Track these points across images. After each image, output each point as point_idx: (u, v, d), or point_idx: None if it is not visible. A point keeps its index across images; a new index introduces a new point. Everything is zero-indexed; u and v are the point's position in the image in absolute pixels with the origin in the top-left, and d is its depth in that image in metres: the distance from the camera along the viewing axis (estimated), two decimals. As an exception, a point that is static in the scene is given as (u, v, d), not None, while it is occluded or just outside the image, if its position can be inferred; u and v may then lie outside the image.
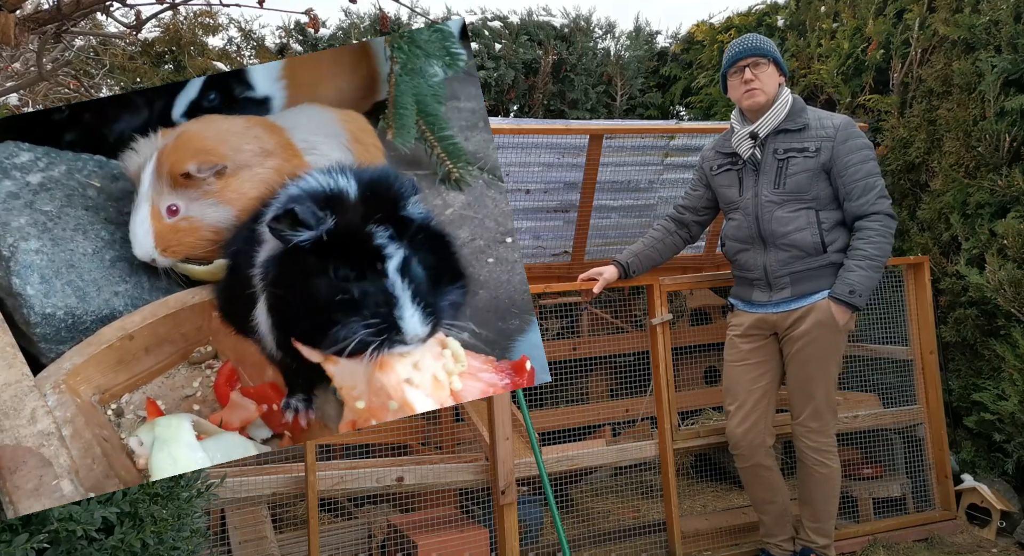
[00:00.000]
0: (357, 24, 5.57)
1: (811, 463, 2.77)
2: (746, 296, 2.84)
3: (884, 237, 2.63)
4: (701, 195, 2.98)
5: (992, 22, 3.38)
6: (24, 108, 4.32)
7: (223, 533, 2.74)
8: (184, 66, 5.26)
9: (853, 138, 2.68)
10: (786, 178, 2.69)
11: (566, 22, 5.89)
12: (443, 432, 3.26)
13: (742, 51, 2.73)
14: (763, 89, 2.70)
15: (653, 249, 2.98)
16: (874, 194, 2.64)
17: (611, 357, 3.68)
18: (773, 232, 2.71)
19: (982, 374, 3.44)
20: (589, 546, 3.09)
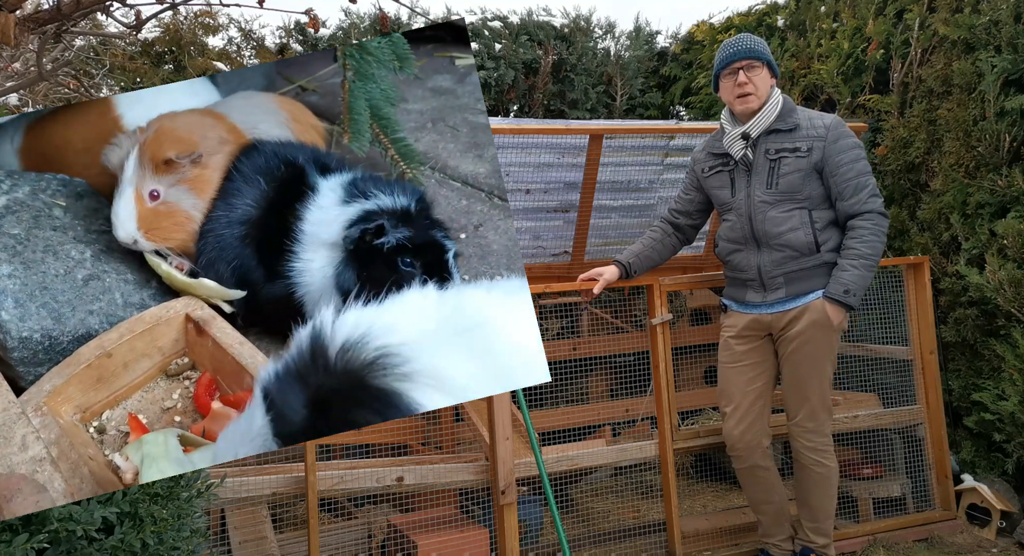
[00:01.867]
0: (357, 24, 5.57)
1: (808, 463, 2.77)
2: (740, 297, 2.84)
3: (877, 236, 2.62)
4: (693, 198, 2.98)
5: (992, 22, 3.38)
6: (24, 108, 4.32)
7: (223, 533, 2.74)
8: (184, 66, 5.26)
9: (844, 138, 2.67)
10: (778, 178, 2.69)
11: (566, 22, 5.89)
12: (443, 432, 3.26)
13: (737, 53, 2.71)
14: (756, 93, 2.69)
15: (653, 250, 2.98)
16: (866, 193, 2.64)
17: (611, 357, 3.68)
18: (767, 232, 2.71)
19: (982, 374, 3.44)
20: (589, 546, 3.09)
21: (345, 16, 5.64)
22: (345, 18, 5.64)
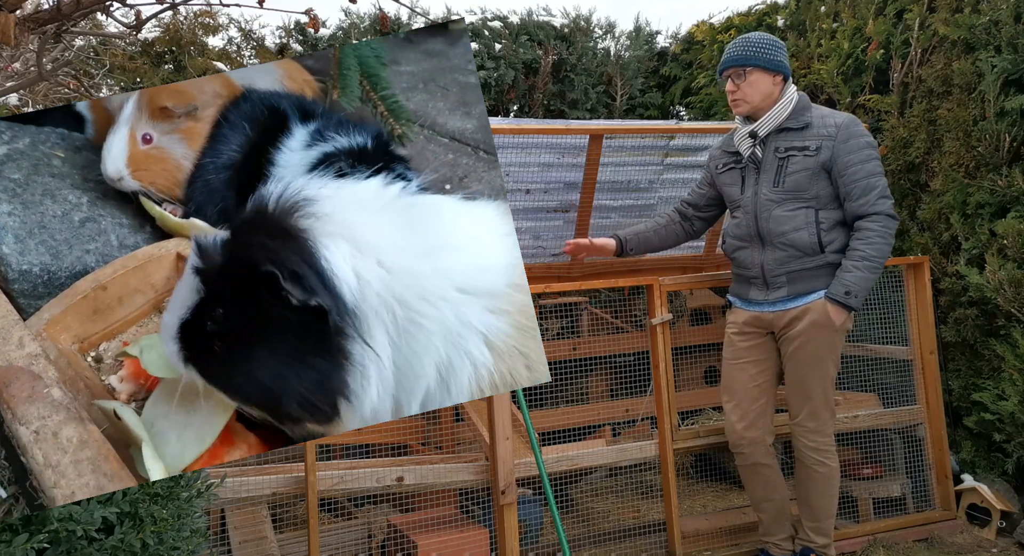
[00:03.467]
0: (357, 24, 5.57)
1: (810, 463, 2.77)
2: (743, 294, 2.85)
3: (883, 238, 2.62)
4: (705, 193, 3.01)
5: (992, 22, 3.38)
6: (24, 108, 4.32)
7: (223, 533, 2.74)
8: (184, 66, 5.26)
9: (855, 137, 2.67)
10: (785, 177, 2.69)
11: (566, 22, 5.88)
12: (443, 432, 3.26)
13: (724, 61, 2.78)
14: (744, 99, 2.74)
15: (654, 233, 3.02)
16: (875, 194, 2.64)
17: (611, 357, 3.68)
18: (771, 231, 2.71)
19: (982, 374, 3.44)
20: (589, 546, 3.09)
21: (345, 16, 5.63)
22: (345, 18, 5.64)
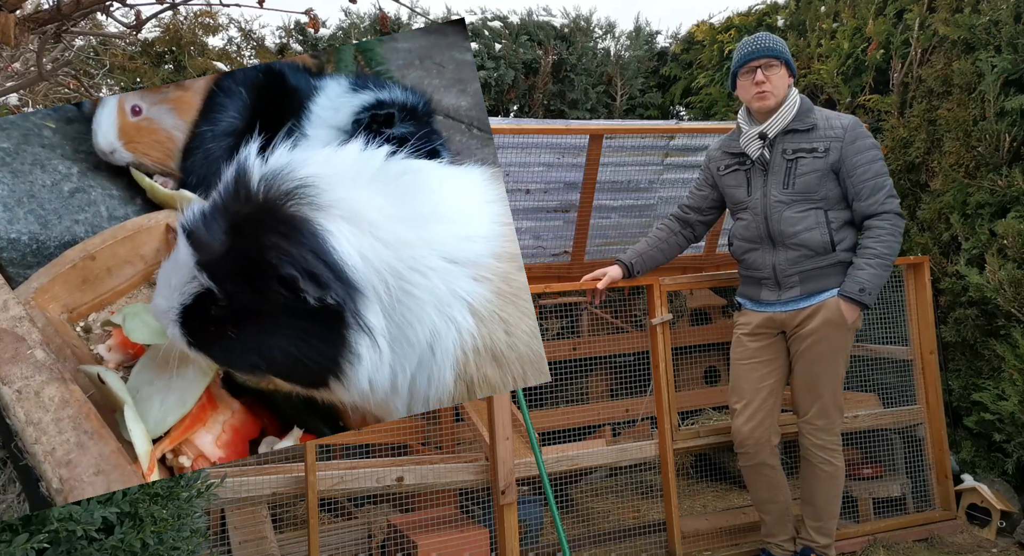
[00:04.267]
0: (357, 24, 5.57)
1: (816, 461, 2.77)
2: (754, 295, 2.84)
3: (893, 236, 2.64)
4: (707, 195, 2.98)
5: (992, 22, 3.38)
6: (24, 108, 4.32)
7: (223, 533, 2.74)
8: (184, 66, 5.26)
9: (862, 138, 2.68)
10: (795, 178, 2.69)
11: (566, 22, 5.88)
12: (443, 432, 3.26)
13: (755, 51, 2.71)
14: (773, 92, 2.70)
15: (657, 249, 2.98)
16: (883, 194, 2.65)
17: (611, 357, 3.68)
18: (782, 232, 2.71)
19: (982, 374, 3.44)
20: (589, 546, 3.09)
21: (345, 16, 5.64)
22: (345, 18, 5.64)
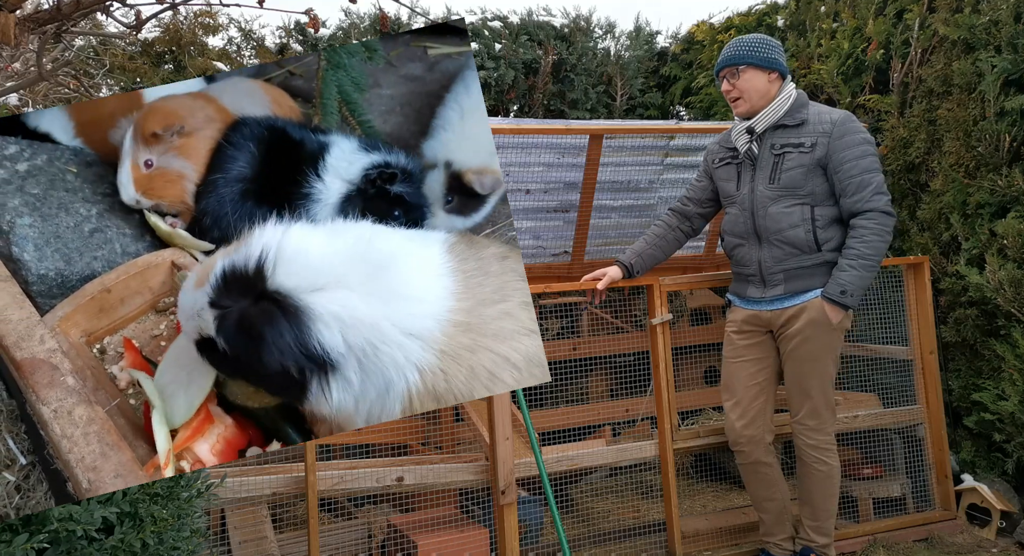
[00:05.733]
0: (357, 24, 5.57)
1: (810, 461, 2.77)
2: (742, 292, 2.86)
3: (879, 235, 2.60)
4: (705, 186, 3.00)
5: (992, 22, 3.38)
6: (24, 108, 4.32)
7: (223, 533, 2.74)
8: (184, 66, 5.26)
9: (851, 133, 2.66)
10: (781, 173, 2.70)
11: (566, 22, 5.88)
12: (443, 432, 3.26)
13: (720, 62, 2.82)
14: (744, 98, 2.76)
15: (656, 247, 2.99)
16: (870, 190, 2.62)
17: (611, 357, 3.68)
18: (767, 228, 2.72)
19: (982, 374, 3.44)
20: (589, 546, 3.09)
21: (345, 16, 5.64)
22: (345, 18, 5.65)
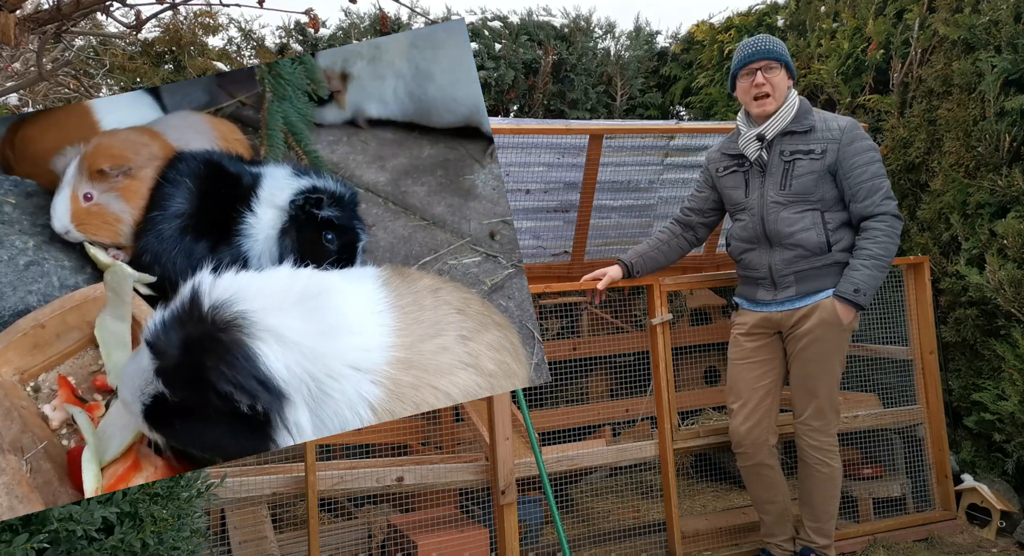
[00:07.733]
0: (357, 24, 5.57)
1: (812, 462, 2.77)
2: (751, 295, 2.85)
3: (890, 237, 2.64)
4: (707, 197, 2.99)
5: (992, 22, 3.38)
6: (24, 108, 4.33)
7: (223, 533, 2.74)
8: (184, 66, 5.26)
9: (859, 140, 2.68)
10: (792, 180, 2.70)
11: (566, 22, 5.89)
12: (443, 432, 3.26)
13: (756, 53, 2.71)
14: (774, 95, 2.71)
15: (658, 251, 2.99)
16: (880, 195, 2.65)
17: (611, 357, 3.68)
18: (779, 232, 2.71)
19: (982, 374, 3.44)
20: (589, 546, 3.09)
21: (345, 16, 5.64)
22: (345, 18, 5.65)
